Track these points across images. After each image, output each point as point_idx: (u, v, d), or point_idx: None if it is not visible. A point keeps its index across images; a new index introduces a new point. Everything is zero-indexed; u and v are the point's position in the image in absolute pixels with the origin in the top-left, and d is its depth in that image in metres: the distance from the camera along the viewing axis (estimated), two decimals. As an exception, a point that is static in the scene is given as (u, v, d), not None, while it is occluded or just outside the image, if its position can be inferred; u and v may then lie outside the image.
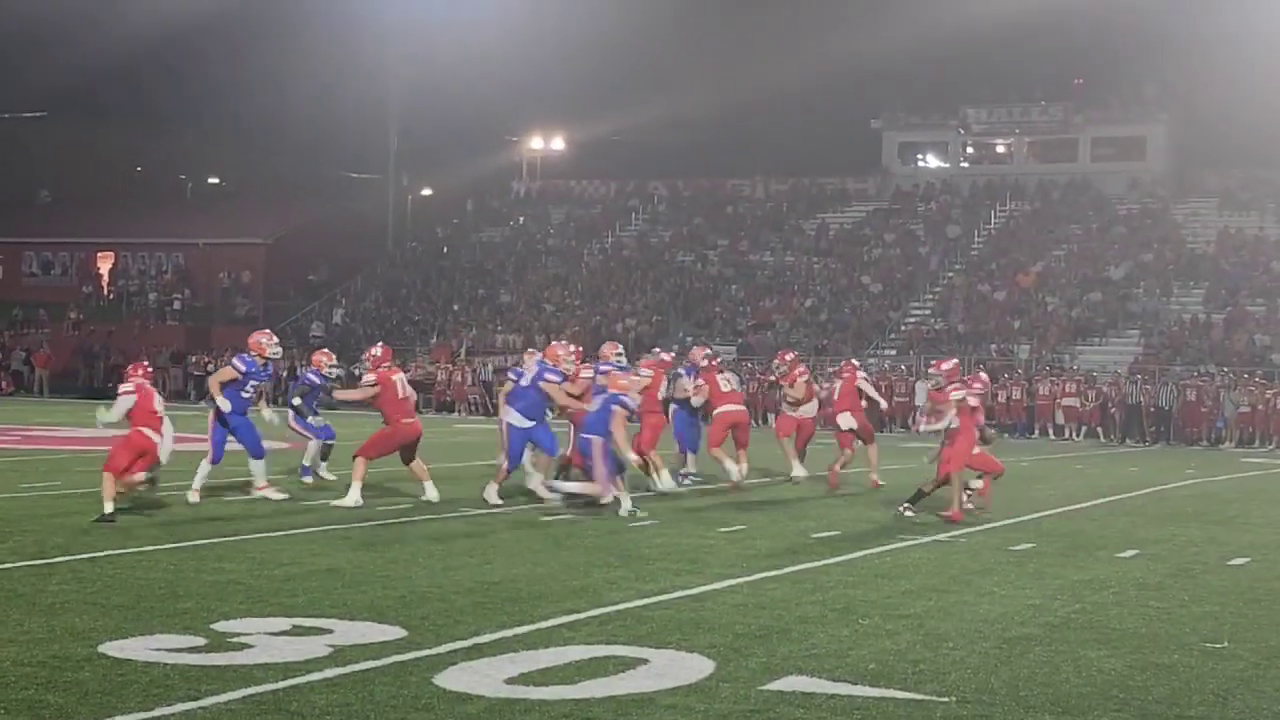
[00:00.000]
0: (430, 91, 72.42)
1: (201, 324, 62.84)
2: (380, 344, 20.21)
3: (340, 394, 21.19)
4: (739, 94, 71.79)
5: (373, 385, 18.60)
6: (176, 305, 64.36)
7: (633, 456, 18.56)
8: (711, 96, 71.35)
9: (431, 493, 18.49)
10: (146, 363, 18.98)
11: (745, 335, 54.95)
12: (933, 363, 20.71)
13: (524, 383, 18.80)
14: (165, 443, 16.17)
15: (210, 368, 53.78)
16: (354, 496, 17.89)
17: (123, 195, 78.18)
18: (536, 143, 76.10)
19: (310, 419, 20.86)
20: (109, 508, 15.57)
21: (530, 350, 25.25)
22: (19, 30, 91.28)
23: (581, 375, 19.51)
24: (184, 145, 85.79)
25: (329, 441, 20.98)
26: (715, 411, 22.08)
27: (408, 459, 18.75)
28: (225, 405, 18.11)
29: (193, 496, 17.89)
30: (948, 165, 70.20)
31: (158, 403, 16.37)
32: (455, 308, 60.85)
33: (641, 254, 64.00)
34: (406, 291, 63.45)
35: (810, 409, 23.07)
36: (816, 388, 24.03)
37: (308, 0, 77.17)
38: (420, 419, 19.32)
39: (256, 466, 18.57)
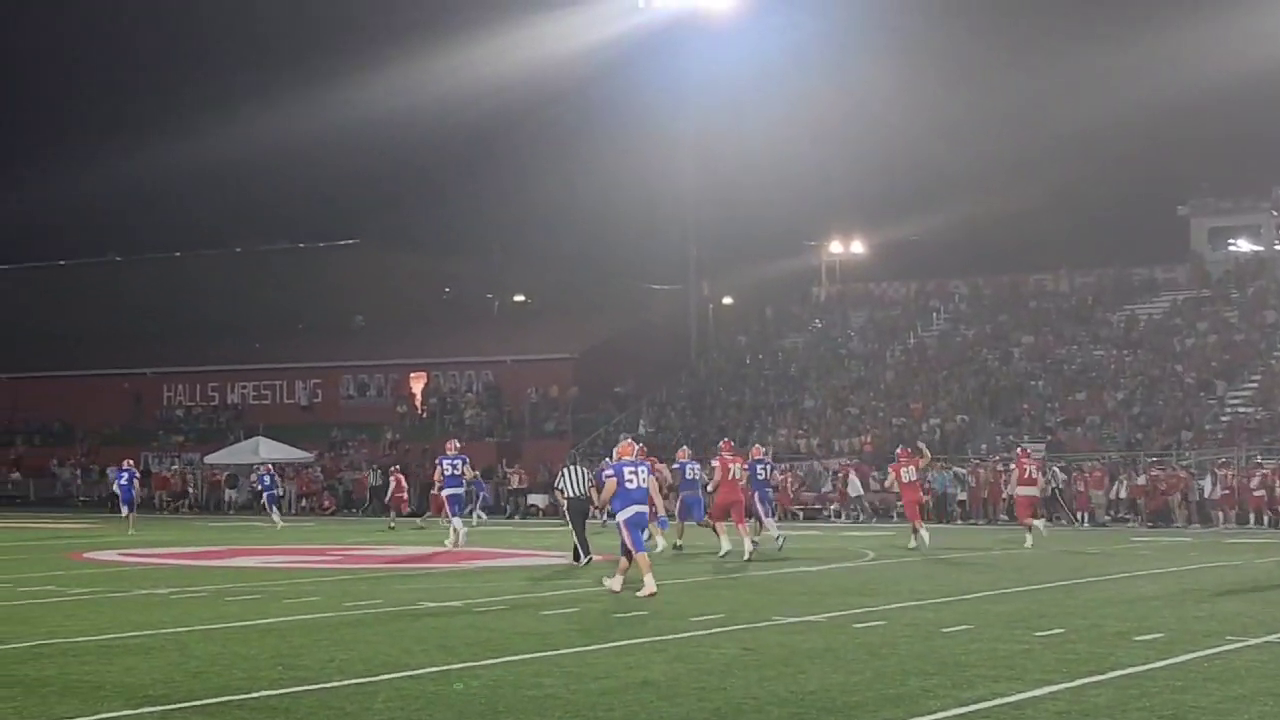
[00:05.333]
0: (728, 200, 73.23)
1: (513, 439, 64.12)
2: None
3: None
4: (1038, 188, 70.96)
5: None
6: (490, 422, 65.81)
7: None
8: (1010, 191, 70.66)
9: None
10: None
11: (1054, 432, 53.82)
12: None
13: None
14: None
15: (521, 483, 55.02)
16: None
17: (432, 316, 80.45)
18: (835, 247, 76.10)
19: None
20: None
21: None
22: (330, 164, 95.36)
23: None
24: (489, 265, 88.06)
25: None
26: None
27: None
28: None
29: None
30: (1261, 248, 67.98)
31: None
32: (766, 414, 60.88)
33: (944, 353, 63.33)
34: (711, 400, 63.80)
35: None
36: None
37: (603, 115, 79.05)
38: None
39: None
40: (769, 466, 32.11)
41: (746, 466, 30.05)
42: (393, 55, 72.99)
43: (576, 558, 26.26)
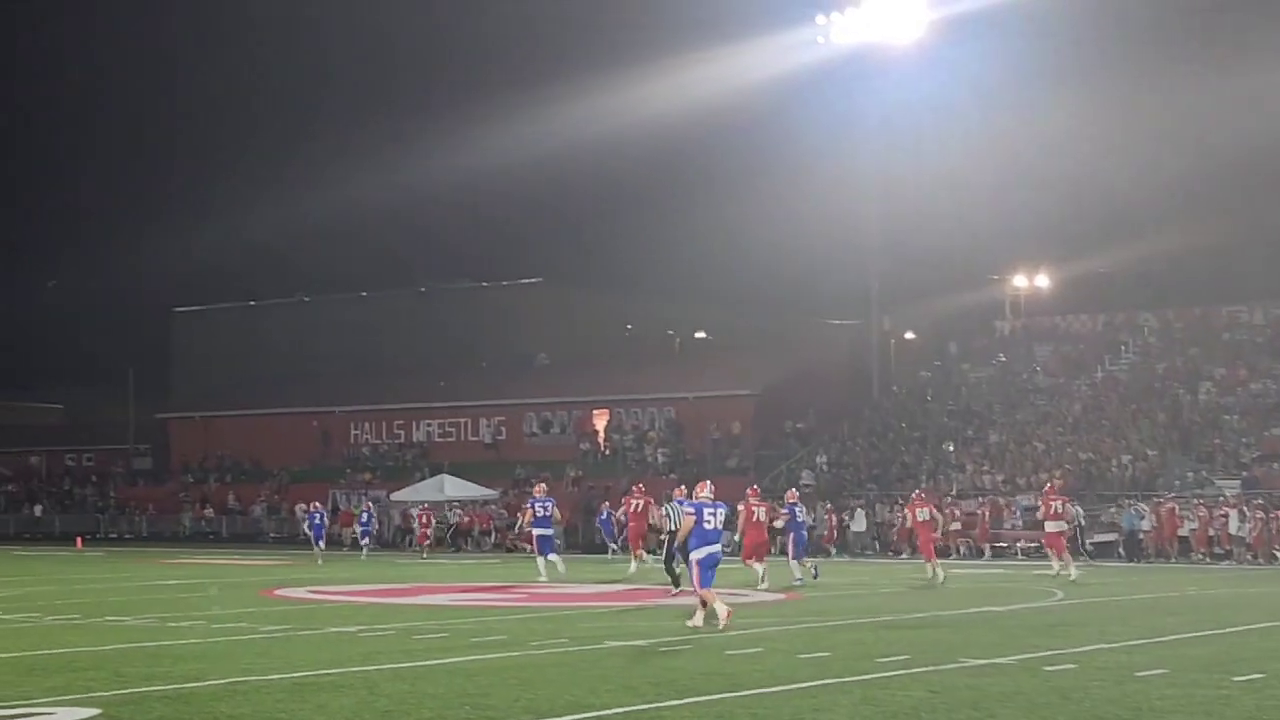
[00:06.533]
0: (909, 234, 72.64)
1: (694, 476, 63.98)
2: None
3: None
4: (1230, 217, 69.36)
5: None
6: (669, 459, 65.88)
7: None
8: (1201, 221, 69.14)
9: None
10: None
11: (1250, 468, 52.49)
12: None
13: None
14: None
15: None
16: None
17: (614, 354, 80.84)
18: (1020, 280, 75.16)
19: None
20: None
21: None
22: (513, 202, 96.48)
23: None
24: (670, 303, 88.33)
25: None
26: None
27: None
28: None
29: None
30: None
31: None
32: (948, 448, 60.18)
33: (1133, 388, 62.13)
34: (893, 436, 63.27)
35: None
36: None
37: (783, 149, 78.98)
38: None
39: None
40: (803, 509, 35.83)
41: (786, 509, 34.23)
42: (573, 92, 73.66)
43: (676, 584, 28.65)
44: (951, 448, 60.05)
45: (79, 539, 65.69)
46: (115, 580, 38.01)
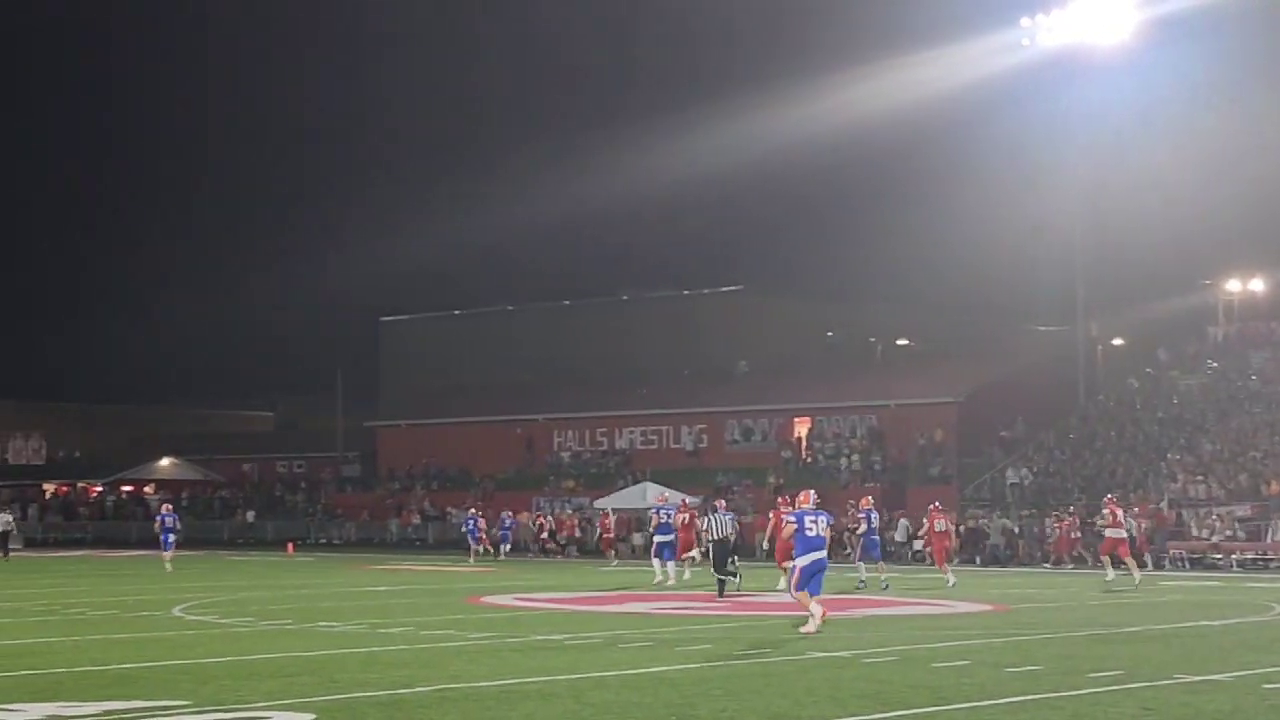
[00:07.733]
0: (1117, 238, 71.21)
1: (896, 484, 63.58)
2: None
3: None
4: None
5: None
6: (874, 467, 65.44)
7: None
8: None
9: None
10: None
11: None
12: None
13: None
14: None
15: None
16: None
17: (815, 361, 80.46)
18: (1233, 284, 73.31)
19: None
20: None
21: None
22: (713, 211, 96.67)
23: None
24: (872, 309, 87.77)
25: None
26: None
27: None
28: None
29: None
30: None
31: None
32: (1159, 459, 58.86)
33: (1354, 395, 60.20)
34: (1101, 444, 62.08)
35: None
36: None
37: (985, 153, 78.02)
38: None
39: None
40: (876, 515, 36.69)
41: (862, 515, 35.89)
42: (774, 99, 73.60)
43: (720, 593, 31.37)
44: (1159, 458, 58.76)
45: (290, 544, 67.14)
46: (326, 586, 38.78)
